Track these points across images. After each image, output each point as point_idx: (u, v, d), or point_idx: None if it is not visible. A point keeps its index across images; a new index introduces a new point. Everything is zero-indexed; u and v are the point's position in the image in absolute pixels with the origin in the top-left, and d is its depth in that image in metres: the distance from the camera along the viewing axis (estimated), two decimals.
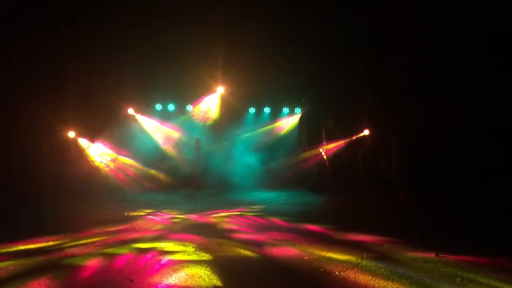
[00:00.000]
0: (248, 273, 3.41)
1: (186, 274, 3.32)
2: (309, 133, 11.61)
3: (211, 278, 3.26)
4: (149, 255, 3.88)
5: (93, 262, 3.67)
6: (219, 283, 3.14)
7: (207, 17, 9.94)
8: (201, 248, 4.15)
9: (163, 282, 3.13)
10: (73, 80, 9.95)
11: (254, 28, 10.06)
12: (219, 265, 3.57)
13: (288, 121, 12.15)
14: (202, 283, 3.12)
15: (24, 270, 3.43)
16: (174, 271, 3.39)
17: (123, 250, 4.08)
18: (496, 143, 8.43)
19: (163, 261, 3.69)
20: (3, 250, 4.03)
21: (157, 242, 4.41)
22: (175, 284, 3.10)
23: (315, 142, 11.44)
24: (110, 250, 4.08)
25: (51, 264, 3.58)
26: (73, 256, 3.85)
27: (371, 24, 10.03)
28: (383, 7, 9.98)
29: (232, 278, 3.28)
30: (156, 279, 3.20)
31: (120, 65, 10.12)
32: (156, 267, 3.51)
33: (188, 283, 3.13)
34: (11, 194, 8.18)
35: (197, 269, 3.45)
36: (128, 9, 9.89)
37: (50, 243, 4.38)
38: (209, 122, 11.49)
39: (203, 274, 3.33)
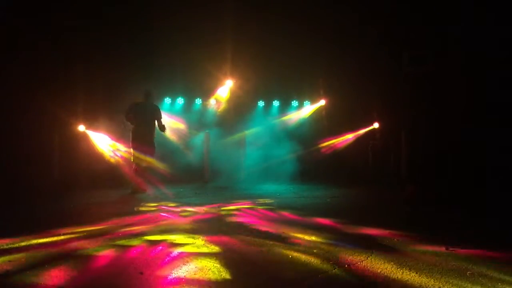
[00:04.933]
0: (252, 264, 3.42)
1: (195, 266, 3.34)
2: (321, 126, 11.66)
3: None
4: (159, 248, 3.91)
5: (103, 255, 3.71)
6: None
7: (216, 9, 9.94)
8: (206, 236, 4.18)
9: (173, 275, 3.14)
10: (84, 74, 10.00)
11: (264, 21, 10.05)
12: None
13: (298, 114, 12.13)
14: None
15: (35, 263, 3.47)
16: (184, 264, 3.40)
17: (133, 243, 4.11)
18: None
19: (173, 254, 3.71)
20: (16, 245, 4.07)
21: (168, 235, 4.45)
22: (184, 276, 3.11)
23: (326, 135, 11.47)
24: (120, 243, 4.12)
25: (63, 257, 3.62)
26: (84, 249, 3.89)
27: (384, 17, 9.96)
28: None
29: (237, 267, 3.29)
30: (166, 272, 3.22)
31: (129, 59, 10.15)
32: (167, 260, 3.54)
33: (198, 275, 3.14)
34: (20, 188, 8.25)
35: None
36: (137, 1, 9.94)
37: (62, 237, 4.42)
38: (218, 115, 11.51)
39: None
